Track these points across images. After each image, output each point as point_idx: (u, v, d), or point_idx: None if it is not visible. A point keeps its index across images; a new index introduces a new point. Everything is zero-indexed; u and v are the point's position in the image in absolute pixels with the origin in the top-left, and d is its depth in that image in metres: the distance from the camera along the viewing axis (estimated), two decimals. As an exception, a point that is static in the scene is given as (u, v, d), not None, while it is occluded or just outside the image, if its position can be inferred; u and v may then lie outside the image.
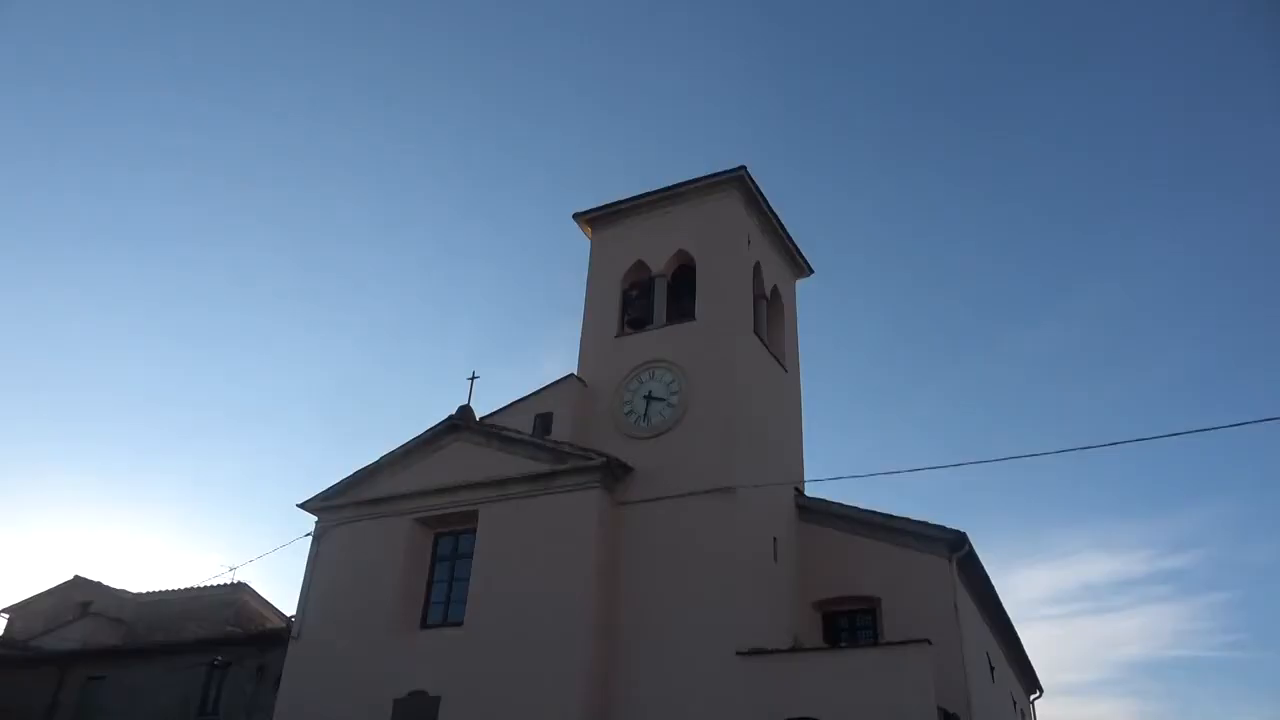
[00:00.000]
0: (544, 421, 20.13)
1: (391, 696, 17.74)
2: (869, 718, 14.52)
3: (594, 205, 22.82)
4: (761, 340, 21.12)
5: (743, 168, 21.17)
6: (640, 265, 21.79)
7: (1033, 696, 29.33)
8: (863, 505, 19.94)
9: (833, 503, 20.40)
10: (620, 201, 22.50)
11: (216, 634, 24.10)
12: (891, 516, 19.49)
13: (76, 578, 31.79)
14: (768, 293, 22.19)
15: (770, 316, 22.33)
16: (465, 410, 20.45)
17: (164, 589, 29.76)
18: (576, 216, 23.09)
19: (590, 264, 22.64)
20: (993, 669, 22.04)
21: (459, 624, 18.23)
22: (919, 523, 19.23)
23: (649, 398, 19.45)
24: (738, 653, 16.04)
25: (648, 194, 22.15)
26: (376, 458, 20.64)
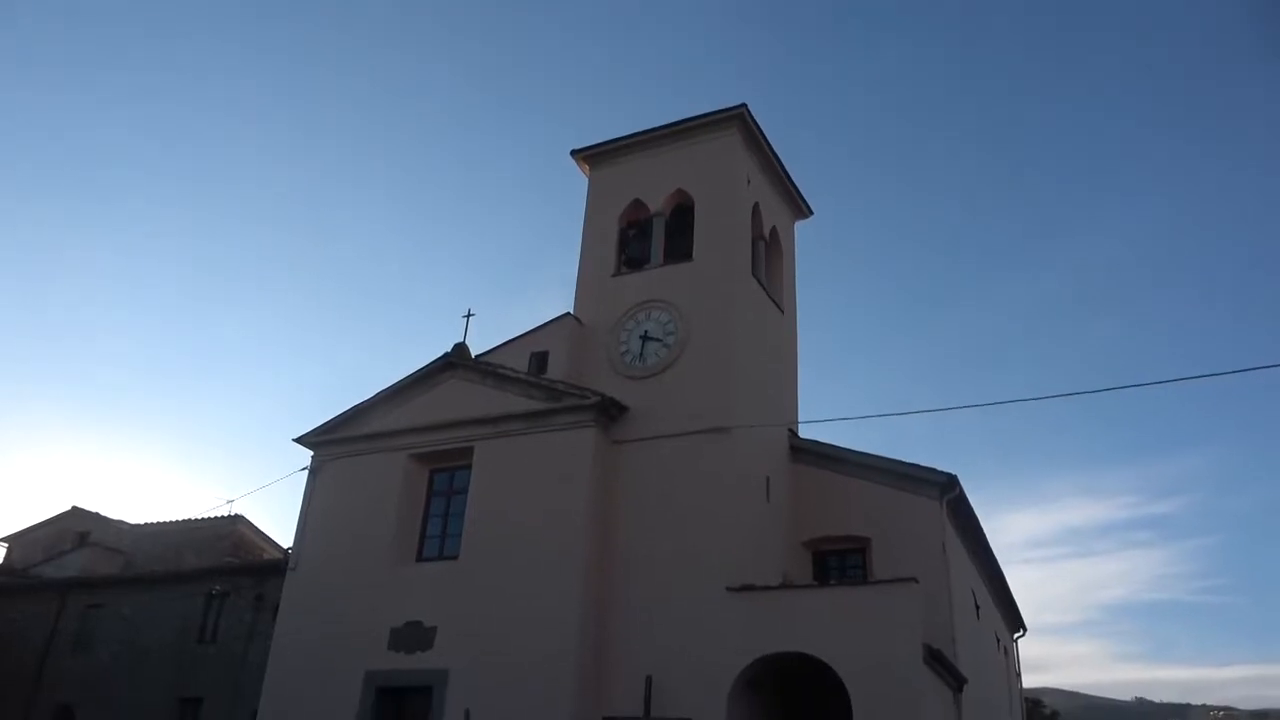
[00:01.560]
0: (539, 360, 20.15)
1: (389, 626, 18.07)
2: (856, 653, 14.85)
3: (592, 142, 22.54)
4: (759, 282, 21.04)
5: (743, 106, 20.85)
6: (638, 204, 21.59)
7: (1016, 635, 30.04)
8: (855, 448, 20.22)
9: (826, 444, 20.63)
10: (619, 139, 22.19)
11: (214, 564, 24.38)
12: (884, 458, 19.72)
13: (74, 508, 32.06)
14: (766, 234, 22.05)
15: (768, 258, 22.22)
16: (461, 348, 20.44)
17: (161, 520, 30.04)
18: (574, 154, 22.79)
19: (588, 202, 22.42)
20: (978, 608, 22.51)
21: (454, 558, 18.48)
22: (910, 465, 19.46)
23: (645, 337, 19.44)
24: (728, 589, 16.32)
25: (647, 131, 21.84)
26: (372, 394, 20.73)
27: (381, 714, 17.67)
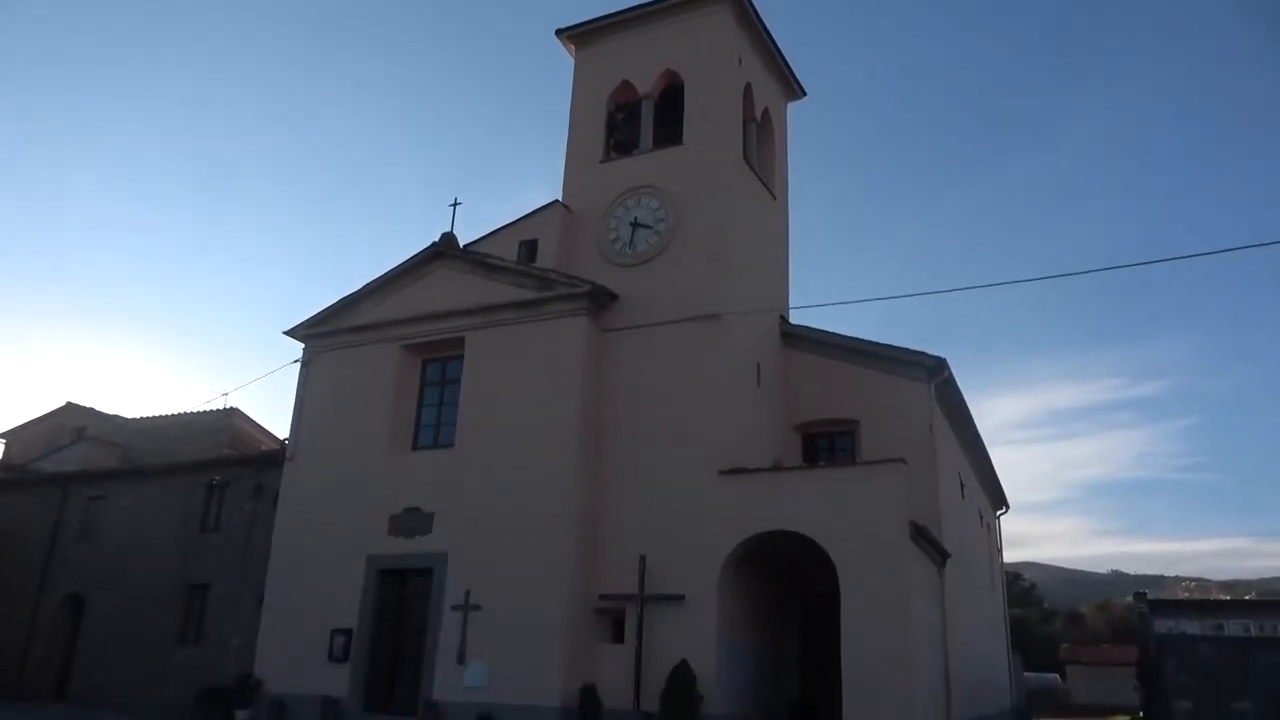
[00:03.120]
0: (529, 248, 19.95)
1: (387, 513, 18.47)
2: (844, 531, 15.28)
3: (579, 21, 21.72)
4: (750, 166, 20.67)
5: (735, -21, 20.01)
6: (626, 86, 20.97)
7: (999, 513, 30.94)
8: (846, 333, 20.32)
9: (816, 330, 20.72)
10: (606, 16, 21.37)
11: (213, 456, 24.67)
12: (873, 343, 19.88)
13: (69, 403, 32.23)
14: (758, 116, 21.53)
15: (760, 141, 21.76)
16: (449, 237, 20.18)
17: (157, 414, 30.25)
18: (559, 33, 21.99)
19: (574, 85, 21.76)
20: (963, 487, 23.10)
21: (450, 446, 18.73)
22: (900, 349, 19.62)
23: (635, 224, 19.21)
24: (720, 472, 16.65)
25: (635, 8, 21.02)
26: (361, 286, 20.58)
27: (385, 594, 18.27)
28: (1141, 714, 34.88)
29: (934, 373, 19.21)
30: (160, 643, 21.78)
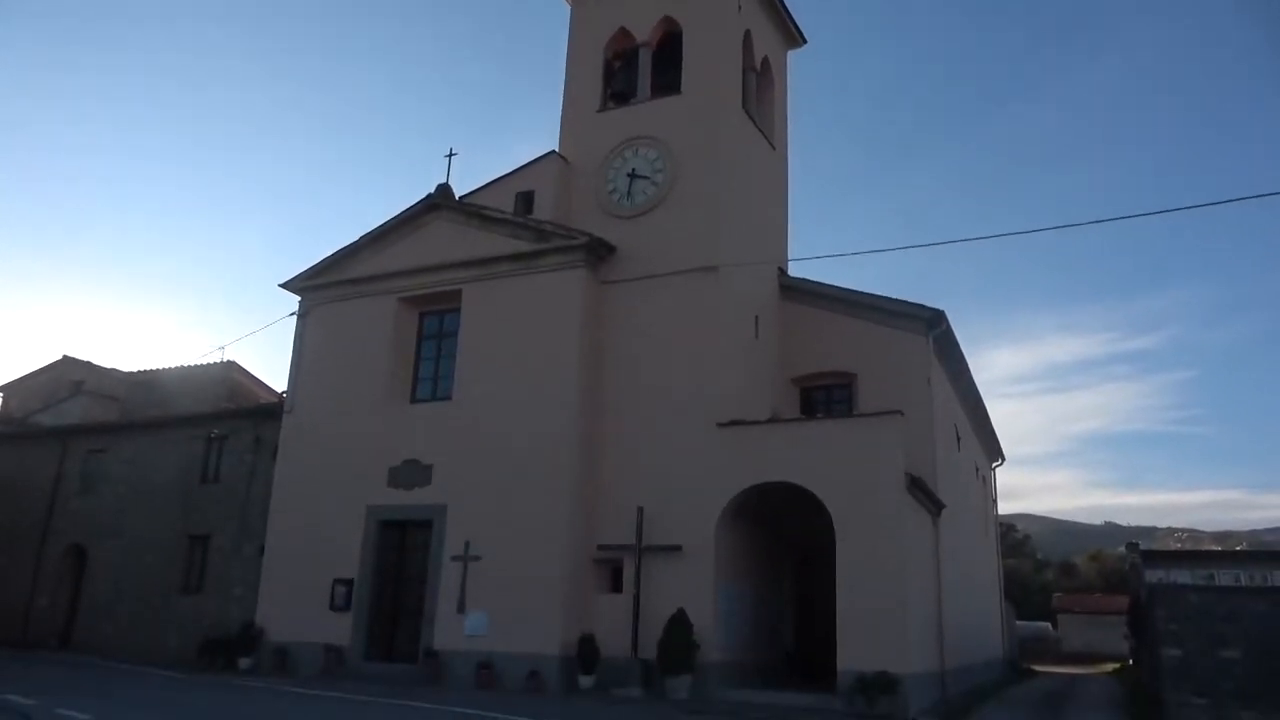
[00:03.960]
0: (525, 200, 19.76)
1: (386, 465, 18.54)
2: (841, 482, 15.37)
3: (574, -35, 21.25)
4: (749, 116, 20.39)
5: (734, -77, 19.54)
6: (624, 33, 20.60)
7: (994, 464, 31.14)
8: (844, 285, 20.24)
9: (815, 282, 20.63)
10: (602, -39, 20.89)
11: (211, 409, 24.70)
12: (872, 295, 19.81)
13: (65, 357, 32.16)
14: (757, 65, 21.18)
15: (760, 90, 21.45)
16: (444, 188, 19.98)
17: (154, 368, 30.21)
18: (555, -22, 21.53)
19: (571, 32, 21.38)
20: (959, 439, 23.20)
21: (448, 399, 18.75)
22: (898, 301, 19.56)
23: (632, 175, 19.01)
24: (718, 424, 16.69)
25: (632, -47, 20.53)
26: (357, 238, 20.43)
27: (385, 545, 18.42)
28: (1131, 661, 35.60)
29: (932, 325, 19.18)
30: (163, 593, 22.03)
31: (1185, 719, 13.26)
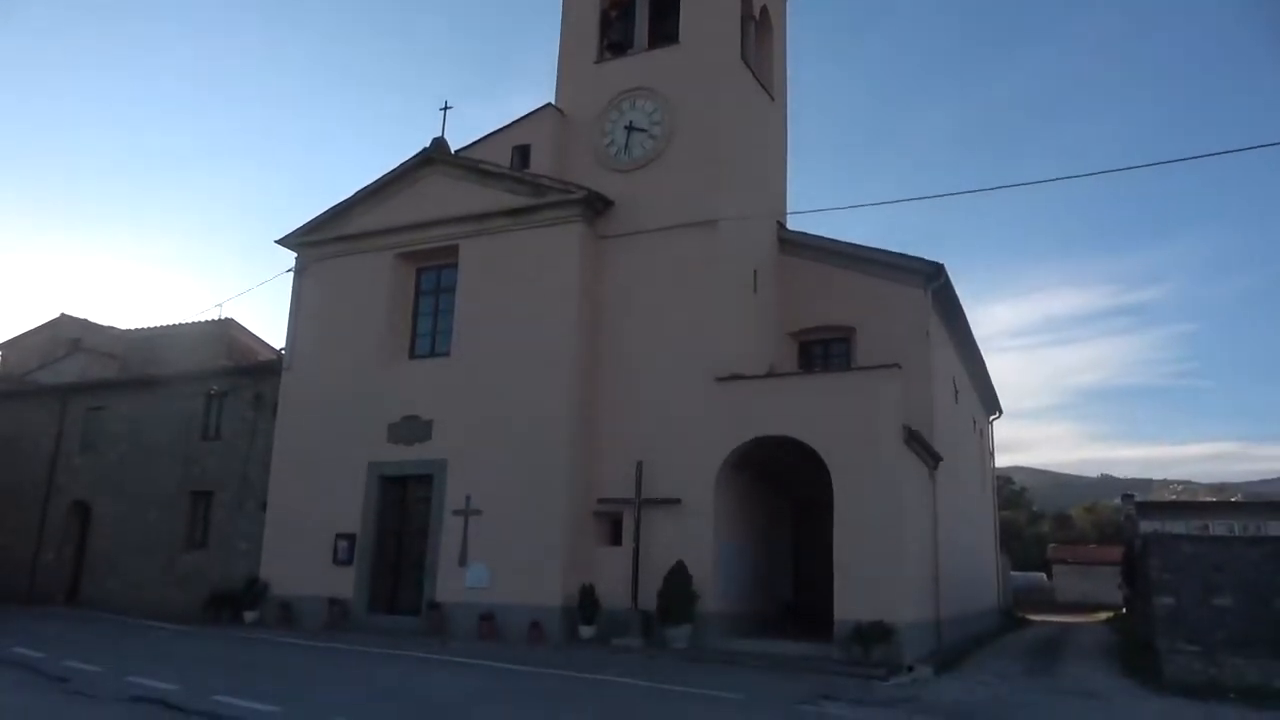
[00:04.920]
0: (522, 154, 19.58)
1: (386, 421, 18.61)
2: (839, 435, 15.44)
3: (569, -89, 20.76)
4: (748, 66, 20.10)
5: None
6: (620, -18, 20.20)
7: (992, 417, 31.26)
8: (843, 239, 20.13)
9: (814, 236, 20.53)
10: (598, -93, 20.42)
11: (210, 366, 24.71)
12: (871, 249, 19.73)
13: (62, 315, 32.07)
14: (756, 13, 20.82)
15: (758, 40, 21.11)
16: (440, 142, 19.77)
17: (152, 325, 30.15)
18: (550, -75, 21.06)
19: (566, -20, 20.95)
20: (957, 392, 23.26)
21: (446, 355, 18.75)
22: (897, 254, 19.48)
23: (630, 128, 18.80)
24: (717, 379, 16.72)
25: (628, -102, 20.07)
26: (352, 193, 20.28)
27: (386, 500, 18.56)
28: (1124, 610, 36.10)
29: (931, 278, 19.12)
30: (167, 548, 22.22)
31: (1177, 665, 13.46)
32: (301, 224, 20.69)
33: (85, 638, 15.28)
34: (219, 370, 23.82)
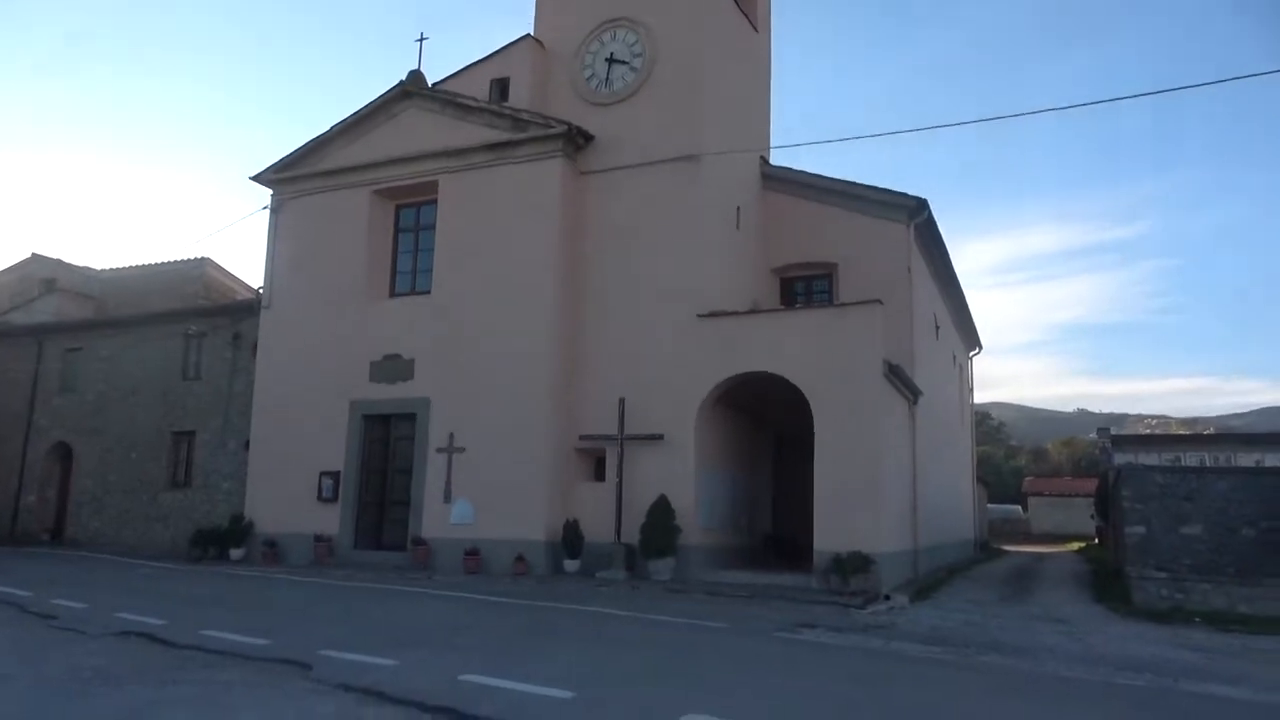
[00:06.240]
0: (500, 87, 19.21)
1: (367, 360, 18.55)
2: (820, 371, 15.54)
3: None
4: (730, -4, 19.65)
5: None
6: (599, -94, 19.59)
7: (972, 353, 31.52)
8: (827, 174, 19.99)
9: (797, 171, 20.36)
10: None
11: (188, 306, 24.47)
12: (855, 184, 19.60)
13: (34, 255, 31.50)
14: (739, -60, 20.30)
15: (741, -31, 20.61)
16: (416, 75, 19.34)
17: (128, 265, 29.72)
18: None
19: (543, -95, 20.30)
20: (938, 328, 23.39)
21: (427, 293, 18.62)
22: (881, 189, 19.38)
23: (610, 60, 18.44)
24: (699, 315, 16.72)
25: None
26: (328, 128, 19.88)
27: (370, 438, 18.60)
28: (1096, 540, 36.98)
29: (914, 214, 19.07)
30: (151, 487, 22.28)
31: (1145, 591, 13.86)
32: (277, 159, 20.32)
33: (71, 576, 15.36)
34: (197, 310, 23.63)
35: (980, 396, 39.18)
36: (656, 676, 7.47)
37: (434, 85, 19.43)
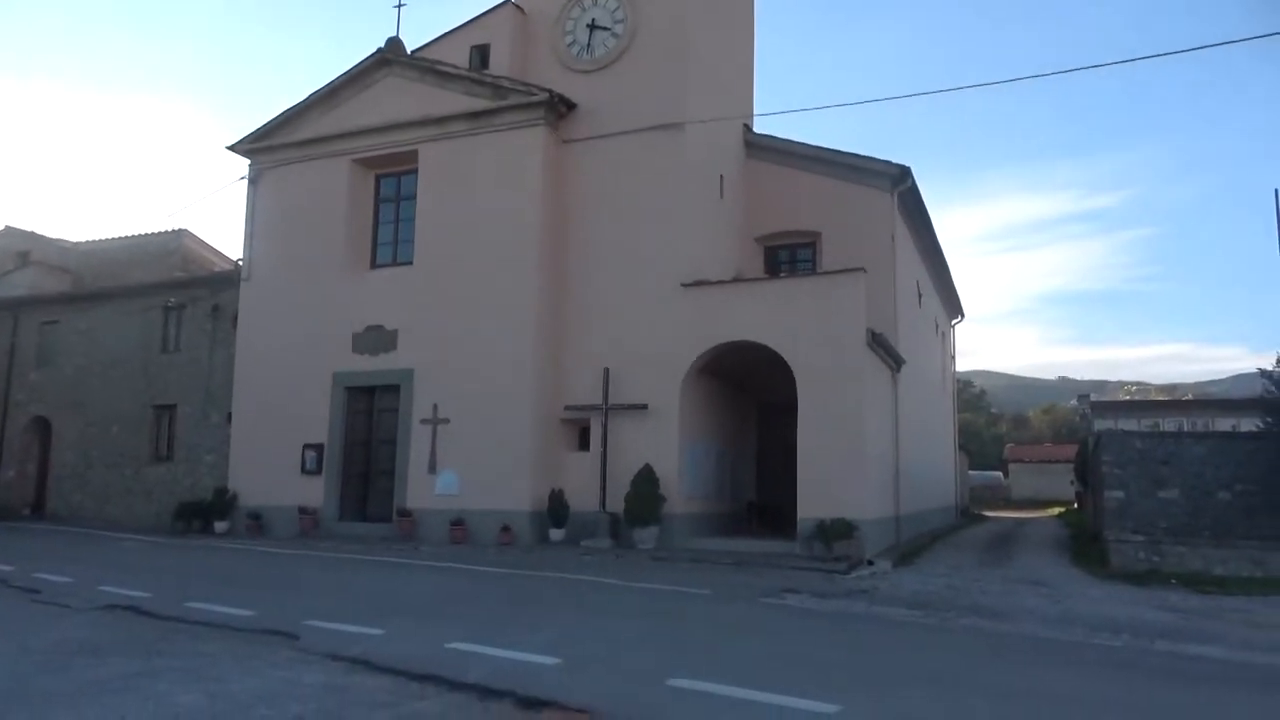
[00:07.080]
0: (481, 54, 18.96)
1: (350, 331, 18.43)
2: (804, 339, 15.57)
3: None
4: (713, -40, 19.42)
5: None
6: None
7: (954, 321, 31.69)
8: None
9: (780, 139, 20.26)
10: None
11: (166, 278, 24.18)
12: (838, 151, 19.54)
13: (7, 228, 31.00)
14: (721, -96, 20.02)
15: (723, -67, 20.35)
16: (394, 42, 19.06)
17: (104, 238, 29.31)
18: None
19: None
20: (920, 296, 23.47)
21: (409, 263, 18.48)
22: (864, 157, 19.34)
23: (592, 26, 18.21)
24: (682, 284, 16.69)
25: None
26: (305, 97, 19.58)
27: (353, 410, 18.54)
28: (1075, 505, 37.47)
29: (897, 181, 19.05)
30: (133, 461, 22.14)
31: (1123, 554, 14.07)
32: (254, 129, 20.03)
33: (54, 550, 15.29)
34: (175, 282, 23.36)
35: (962, 364, 39.47)
36: (642, 643, 7.54)
37: (413, 52, 19.16)
